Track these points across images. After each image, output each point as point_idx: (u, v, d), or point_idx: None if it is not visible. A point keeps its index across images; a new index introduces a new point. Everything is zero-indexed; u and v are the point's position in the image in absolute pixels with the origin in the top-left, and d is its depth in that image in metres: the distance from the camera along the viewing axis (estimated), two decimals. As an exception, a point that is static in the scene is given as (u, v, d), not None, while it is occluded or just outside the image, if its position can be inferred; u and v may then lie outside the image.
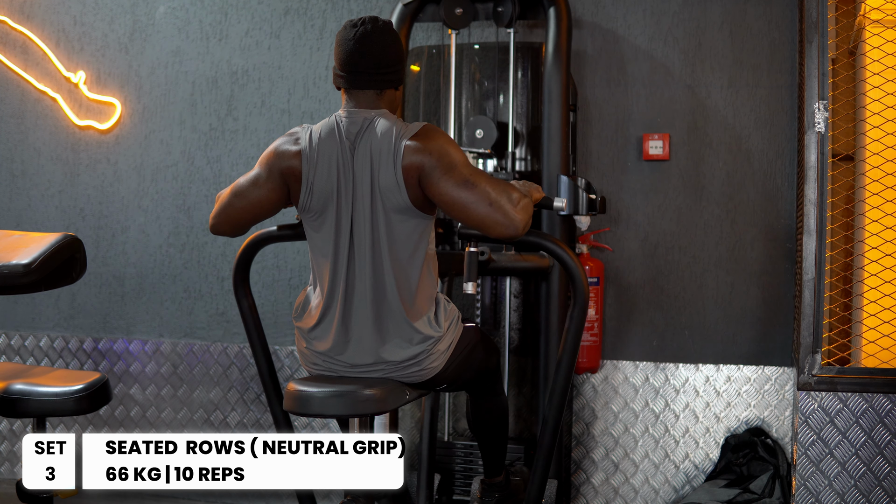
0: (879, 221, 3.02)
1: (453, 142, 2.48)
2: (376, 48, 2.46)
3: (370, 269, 2.47)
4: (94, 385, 2.70)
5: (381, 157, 2.43)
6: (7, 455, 4.33)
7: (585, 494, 3.79)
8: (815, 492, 2.97)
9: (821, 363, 2.98)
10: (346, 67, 2.48)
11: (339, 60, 2.50)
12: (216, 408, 4.10)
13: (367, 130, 2.46)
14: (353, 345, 2.50)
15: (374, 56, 2.46)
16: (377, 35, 2.46)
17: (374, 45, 2.46)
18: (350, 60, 2.47)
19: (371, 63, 2.46)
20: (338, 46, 2.50)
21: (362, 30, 2.45)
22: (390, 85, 2.52)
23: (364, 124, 2.47)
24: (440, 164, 2.39)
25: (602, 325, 3.71)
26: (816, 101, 3.02)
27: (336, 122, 2.50)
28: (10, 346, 4.33)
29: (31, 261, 2.61)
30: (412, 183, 2.41)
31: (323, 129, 2.50)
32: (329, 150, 2.48)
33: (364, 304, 2.48)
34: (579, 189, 3.28)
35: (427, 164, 2.39)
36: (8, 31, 4.36)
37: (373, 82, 2.48)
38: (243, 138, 4.12)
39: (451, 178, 2.40)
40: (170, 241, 4.20)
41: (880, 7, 3.06)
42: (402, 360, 2.49)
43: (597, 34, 3.80)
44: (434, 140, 2.43)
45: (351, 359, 2.51)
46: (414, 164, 2.40)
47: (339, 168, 2.47)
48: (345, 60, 2.48)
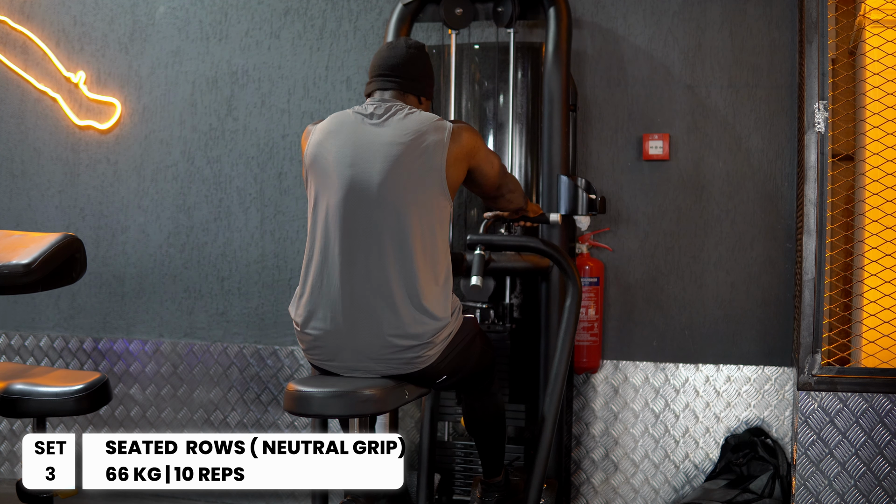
0: (879, 221, 3.02)
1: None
2: (406, 57, 2.68)
3: (378, 250, 2.48)
4: (94, 385, 2.70)
5: (416, 137, 2.51)
6: (7, 455, 4.33)
7: (585, 494, 3.79)
8: (815, 492, 2.97)
9: (821, 363, 2.99)
10: (375, 71, 2.69)
11: (371, 70, 2.71)
12: (216, 408, 4.10)
13: (393, 113, 2.58)
14: (356, 324, 2.50)
15: (403, 63, 2.67)
16: (408, 48, 2.70)
17: (403, 54, 2.68)
18: (381, 64, 2.68)
19: (399, 65, 2.66)
20: (372, 61, 2.73)
21: (396, 43, 2.72)
22: (415, 91, 2.69)
23: (391, 108, 2.59)
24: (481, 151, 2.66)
25: (602, 325, 3.72)
26: (816, 101, 3.02)
27: (354, 109, 2.63)
28: (10, 346, 4.33)
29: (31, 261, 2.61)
30: (455, 162, 2.55)
31: (337, 114, 2.65)
32: (345, 128, 2.58)
33: (370, 283, 2.49)
34: (579, 189, 3.28)
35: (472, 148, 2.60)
36: (8, 31, 4.36)
37: (399, 84, 2.66)
38: (243, 138, 4.12)
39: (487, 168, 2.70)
40: (170, 241, 4.20)
41: (880, 7, 3.06)
42: (403, 347, 2.48)
43: (597, 34, 3.80)
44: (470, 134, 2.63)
45: (350, 343, 2.51)
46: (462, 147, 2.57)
47: (354, 143, 2.53)
48: (376, 65, 2.70)
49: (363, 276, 2.50)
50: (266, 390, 4.05)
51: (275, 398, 4.04)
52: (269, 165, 4.09)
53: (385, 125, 2.55)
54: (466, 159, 2.60)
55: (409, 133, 2.52)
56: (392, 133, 2.53)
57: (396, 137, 2.52)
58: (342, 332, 2.51)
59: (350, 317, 2.50)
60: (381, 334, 2.49)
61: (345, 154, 2.54)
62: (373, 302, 2.49)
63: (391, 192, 2.49)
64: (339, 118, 2.63)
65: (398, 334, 2.48)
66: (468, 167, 2.63)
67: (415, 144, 2.51)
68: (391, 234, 2.49)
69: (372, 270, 2.49)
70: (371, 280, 2.49)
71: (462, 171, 2.61)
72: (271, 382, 4.04)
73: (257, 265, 4.11)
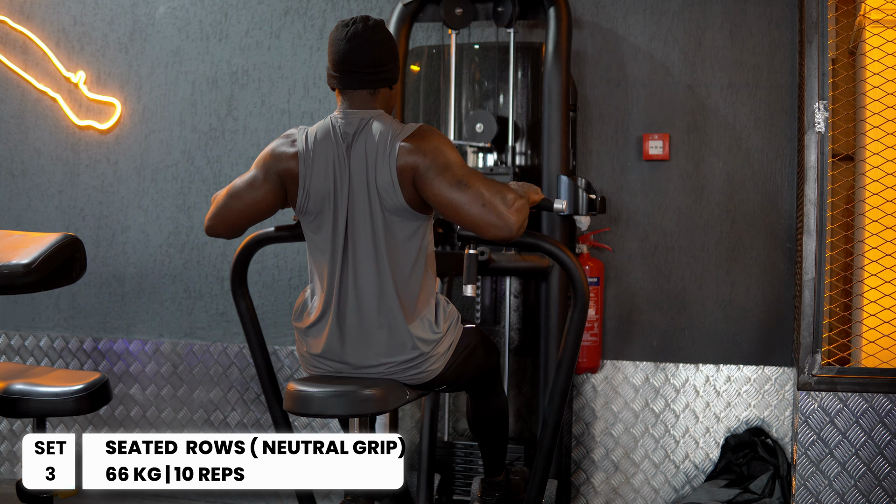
0: (879, 221, 3.02)
1: (449, 142, 2.47)
2: (368, 47, 2.45)
3: (368, 271, 2.47)
4: (94, 385, 2.69)
5: (377, 158, 2.43)
6: (7, 455, 4.33)
7: (585, 494, 3.79)
8: (815, 492, 2.97)
9: (821, 363, 2.98)
10: (339, 67, 2.47)
11: (331, 61, 2.49)
12: (216, 408, 4.10)
13: (362, 131, 2.46)
14: (351, 346, 2.50)
15: (367, 55, 2.45)
16: (369, 33, 2.44)
17: (365, 43, 2.44)
18: (342, 60, 2.46)
19: (363, 62, 2.45)
20: (330, 47, 2.49)
21: (353, 29, 2.45)
22: (384, 84, 2.50)
23: (360, 125, 2.46)
24: (434, 165, 2.38)
25: (602, 325, 3.72)
26: (816, 101, 3.02)
27: (332, 123, 2.50)
28: (10, 346, 4.33)
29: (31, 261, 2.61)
30: (407, 184, 2.41)
31: (319, 131, 2.50)
32: (325, 152, 2.47)
33: (362, 306, 2.48)
34: (579, 189, 3.28)
35: (421, 165, 2.38)
36: (8, 31, 4.36)
37: (366, 81, 2.47)
38: (243, 138, 4.13)
39: (445, 178, 2.38)
40: (170, 241, 4.20)
41: (880, 7, 3.06)
42: (401, 363, 2.49)
43: (597, 34, 3.80)
44: (429, 140, 2.42)
45: (349, 360, 2.51)
46: (409, 165, 2.39)
47: (335, 169, 2.47)
48: (337, 60, 2.47)
49: (354, 298, 2.48)
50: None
51: (275, 398, 4.04)
52: (269, 165, 4.09)
53: (354, 148, 2.46)
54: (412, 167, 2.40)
55: (372, 155, 2.43)
56: (358, 159, 2.45)
57: (361, 163, 2.44)
58: (341, 353, 2.52)
59: (349, 338, 2.50)
60: (378, 354, 2.49)
61: (328, 176, 2.47)
62: (369, 323, 2.48)
63: (366, 213, 2.45)
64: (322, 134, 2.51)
65: (398, 352, 2.48)
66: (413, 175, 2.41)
67: (376, 169, 2.42)
68: (364, 260, 2.46)
69: (363, 292, 2.48)
70: (365, 301, 2.48)
71: (408, 179, 2.42)
72: (271, 382, 4.04)
73: (257, 265, 4.10)
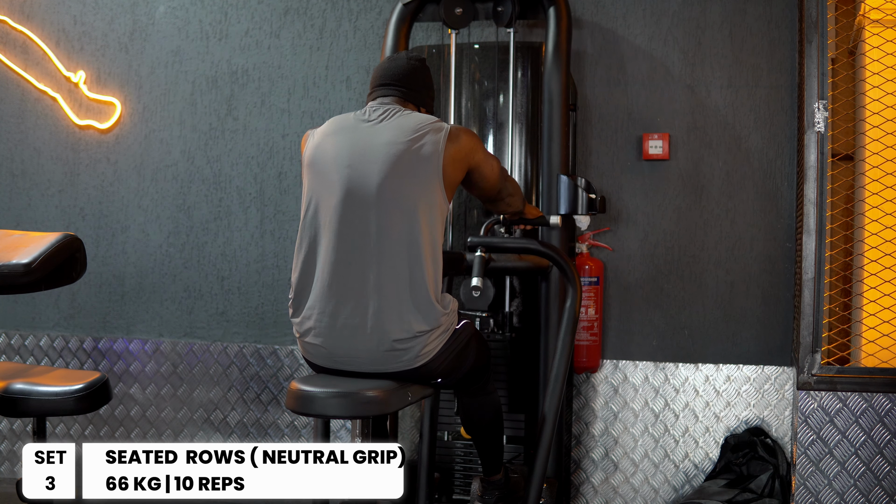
0: (879, 221, 3.03)
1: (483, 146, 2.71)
2: (406, 69, 2.72)
3: (376, 249, 2.49)
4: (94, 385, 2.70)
5: (414, 137, 2.53)
6: (7, 455, 4.33)
7: (585, 494, 3.79)
8: (814, 491, 2.97)
9: (820, 363, 2.99)
10: (376, 81, 2.72)
11: (372, 81, 2.75)
12: (216, 407, 4.10)
13: (394, 115, 2.61)
14: (351, 323, 2.50)
15: (402, 72, 2.71)
16: (408, 59, 2.74)
17: (404, 66, 2.72)
18: (381, 75, 2.73)
19: (399, 75, 2.70)
20: (373, 73, 2.76)
21: (397, 55, 2.77)
22: (414, 100, 2.72)
23: (392, 111, 2.62)
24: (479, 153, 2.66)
25: (602, 325, 3.72)
26: (816, 101, 3.03)
27: (355, 113, 2.66)
28: (10, 346, 4.33)
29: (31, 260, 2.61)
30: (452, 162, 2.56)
31: (337, 117, 2.68)
32: (341, 131, 2.60)
33: (367, 279, 2.50)
34: (579, 189, 3.28)
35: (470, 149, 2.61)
36: (8, 31, 4.36)
37: (399, 92, 2.69)
38: (243, 138, 4.13)
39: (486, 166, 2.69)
40: (170, 240, 4.20)
41: (880, 7, 3.06)
42: (399, 338, 2.49)
43: (597, 34, 3.80)
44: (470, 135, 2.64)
45: (349, 340, 2.51)
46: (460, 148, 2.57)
47: (350, 148, 2.55)
48: (376, 76, 2.73)
49: (359, 275, 2.50)
50: (266, 390, 4.05)
51: (275, 398, 4.04)
52: (269, 165, 4.09)
53: (382, 125, 2.57)
54: (465, 160, 2.61)
55: (407, 132, 2.53)
56: (390, 133, 2.55)
57: (394, 137, 2.53)
58: (338, 332, 2.52)
59: (346, 316, 2.51)
60: (379, 332, 2.49)
61: (342, 155, 2.55)
62: (370, 300, 2.49)
63: (389, 191, 2.50)
64: (337, 121, 2.66)
65: (396, 330, 2.49)
66: (467, 168, 2.64)
67: (412, 143, 2.52)
68: (388, 233, 2.49)
69: (369, 269, 2.49)
70: (368, 279, 2.49)
71: (460, 171, 2.61)
72: (271, 382, 4.04)
73: (257, 265, 4.11)
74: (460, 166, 2.60)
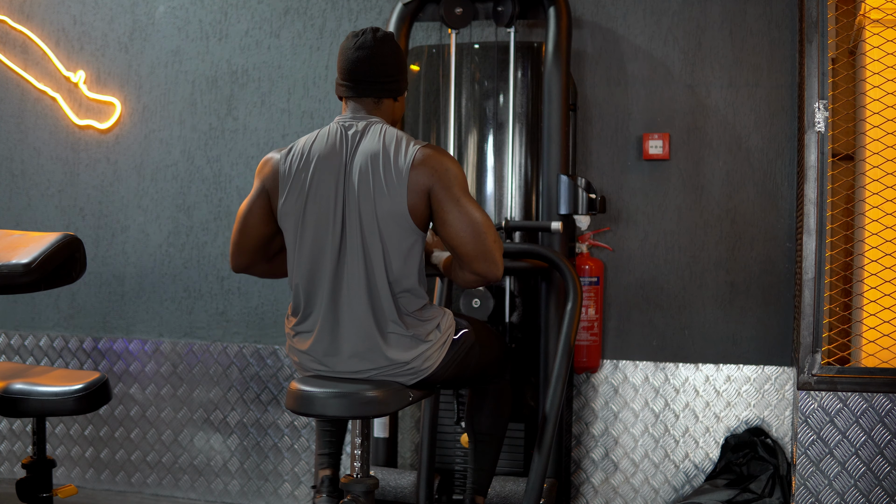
0: (879, 221, 3.02)
1: (455, 160, 2.54)
2: (377, 58, 2.53)
3: (362, 271, 2.48)
4: (93, 385, 2.70)
5: (383, 161, 2.45)
6: (7, 455, 4.33)
7: (585, 494, 3.79)
8: (814, 491, 2.97)
9: (821, 363, 2.99)
10: (347, 76, 2.56)
11: (340, 70, 2.58)
12: (216, 407, 4.10)
13: (367, 133, 2.51)
14: (344, 344, 2.50)
15: (374, 65, 2.53)
16: (378, 45, 2.54)
17: (374, 53, 2.53)
18: (351, 69, 2.55)
19: (370, 71, 2.53)
20: (340, 56, 2.59)
21: (363, 39, 2.53)
22: (389, 94, 2.58)
23: (365, 128, 2.52)
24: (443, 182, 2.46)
25: (602, 325, 3.72)
26: (816, 101, 3.02)
27: (331, 127, 2.55)
28: (10, 346, 4.33)
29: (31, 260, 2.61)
30: (416, 191, 2.45)
31: (318, 134, 2.56)
32: (322, 152, 2.52)
33: (355, 305, 2.49)
34: (579, 188, 3.29)
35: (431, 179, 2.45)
36: (8, 31, 4.36)
37: (372, 90, 2.55)
38: (243, 138, 4.13)
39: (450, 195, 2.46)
40: (170, 240, 4.20)
41: (880, 7, 3.06)
42: (396, 362, 2.49)
43: (597, 34, 3.80)
44: (440, 155, 2.49)
45: (341, 361, 2.51)
46: (421, 174, 2.44)
47: (334, 171, 2.50)
48: (346, 69, 2.56)
49: (347, 298, 2.49)
50: (266, 390, 4.05)
51: (275, 398, 4.04)
52: (269, 165, 4.09)
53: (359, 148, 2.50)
54: (425, 189, 2.47)
55: (379, 157, 2.47)
56: (364, 158, 2.48)
57: (370, 162, 2.47)
58: (335, 354, 2.52)
59: (343, 339, 2.51)
60: (374, 350, 2.49)
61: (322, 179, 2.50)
62: (365, 324, 2.49)
63: (366, 216, 2.47)
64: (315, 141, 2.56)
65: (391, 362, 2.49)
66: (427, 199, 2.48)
67: (386, 167, 2.46)
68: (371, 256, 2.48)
69: (356, 291, 2.49)
70: (357, 301, 2.49)
71: (421, 202, 2.47)
72: (271, 382, 4.04)
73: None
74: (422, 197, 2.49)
